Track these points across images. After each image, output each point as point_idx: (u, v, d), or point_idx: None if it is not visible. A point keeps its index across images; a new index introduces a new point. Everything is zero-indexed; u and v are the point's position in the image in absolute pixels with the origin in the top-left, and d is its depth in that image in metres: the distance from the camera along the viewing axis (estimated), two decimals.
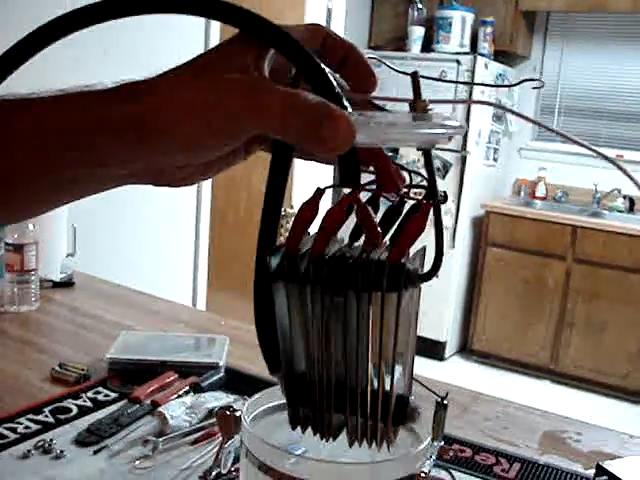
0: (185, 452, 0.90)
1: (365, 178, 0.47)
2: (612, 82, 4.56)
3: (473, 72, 4.20)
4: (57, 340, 1.33)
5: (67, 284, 1.62)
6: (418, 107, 0.42)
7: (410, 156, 4.42)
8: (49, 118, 0.39)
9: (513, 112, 0.48)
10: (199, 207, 2.89)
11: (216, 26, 2.97)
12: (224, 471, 0.82)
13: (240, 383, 1.11)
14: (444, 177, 4.34)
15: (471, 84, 4.25)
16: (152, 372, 1.10)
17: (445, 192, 0.46)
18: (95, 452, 0.89)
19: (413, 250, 0.47)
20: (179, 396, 1.03)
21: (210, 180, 2.94)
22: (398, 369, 0.45)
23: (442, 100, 0.44)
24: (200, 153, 0.41)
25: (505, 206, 4.39)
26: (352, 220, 0.47)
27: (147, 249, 2.60)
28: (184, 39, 2.80)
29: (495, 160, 4.59)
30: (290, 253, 0.45)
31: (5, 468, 0.84)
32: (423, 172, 0.46)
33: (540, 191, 4.67)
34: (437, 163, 4.37)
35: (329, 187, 0.46)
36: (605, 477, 0.58)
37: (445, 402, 0.85)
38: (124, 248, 2.50)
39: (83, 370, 1.13)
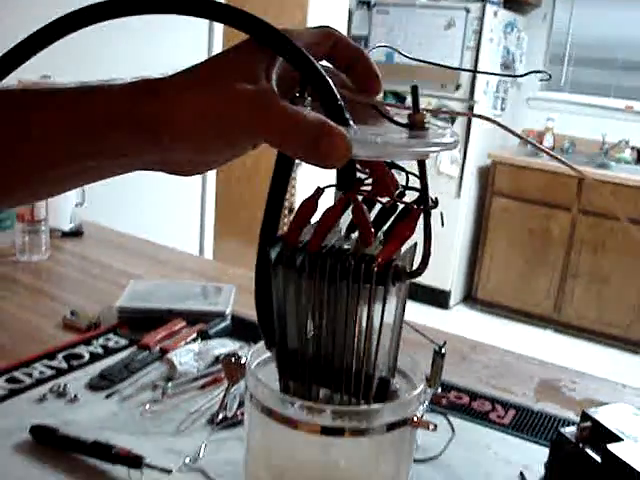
0: (193, 396, 0.94)
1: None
2: (624, 31, 4.49)
3: (482, 20, 4.15)
4: (68, 288, 1.37)
5: (76, 234, 1.65)
6: (416, 119, 0.45)
7: None
8: (70, 110, 0.42)
9: (503, 127, 0.50)
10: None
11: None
12: (230, 414, 0.86)
13: (246, 330, 1.14)
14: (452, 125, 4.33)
15: (475, 72, 4.18)
16: (160, 320, 1.13)
17: (436, 198, 0.49)
18: (107, 396, 0.93)
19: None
20: (187, 343, 1.06)
21: None
22: (382, 353, 0.49)
23: (443, 111, 0.47)
24: (207, 153, 0.44)
25: (512, 156, 4.38)
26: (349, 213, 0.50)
27: (154, 199, 2.63)
28: (188, 31, 2.79)
29: (502, 110, 4.56)
30: (289, 245, 0.48)
31: (23, 410, 0.88)
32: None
33: (547, 141, 4.65)
34: None
35: (328, 187, 0.50)
36: (589, 423, 0.61)
37: (443, 351, 0.88)
38: (131, 198, 2.53)
39: (94, 318, 1.16)
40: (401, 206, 0.50)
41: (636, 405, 1.07)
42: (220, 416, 0.87)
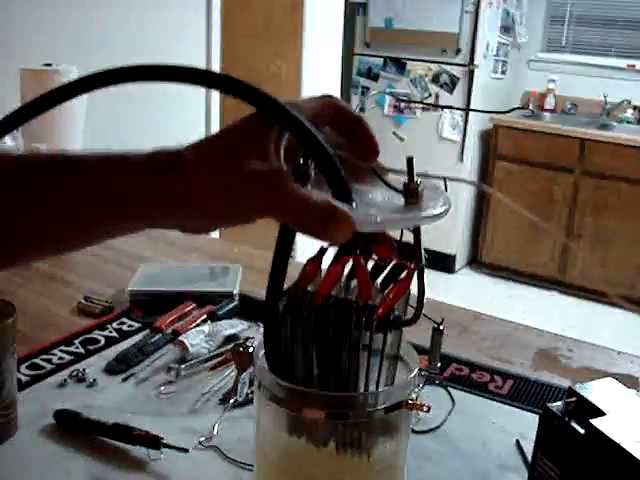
0: (205, 377, 0.99)
1: None
2: None
3: None
4: (81, 273, 1.41)
5: None
6: (410, 189, 0.51)
7: (417, 71, 4.40)
8: (100, 180, 0.46)
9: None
10: (208, 125, 2.94)
11: (217, 21, 2.94)
12: (240, 399, 0.91)
13: (254, 309, 1.18)
14: (452, 91, 4.33)
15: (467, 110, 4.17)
16: (171, 302, 1.18)
17: (429, 255, 0.56)
18: (124, 379, 0.98)
19: None
20: (197, 325, 1.11)
21: (218, 110, 2.97)
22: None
23: (432, 176, 0.53)
24: (222, 224, 0.49)
25: (513, 119, 4.39)
26: None
27: None
28: (187, 16, 2.79)
29: (503, 73, 4.55)
30: (295, 297, 0.55)
31: (46, 396, 0.93)
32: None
33: (549, 103, 4.64)
34: (445, 78, 4.35)
35: (331, 246, 0.54)
36: (574, 398, 0.65)
37: (441, 328, 0.92)
38: None
39: (107, 302, 1.21)
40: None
41: (632, 371, 1.12)
42: (231, 400, 0.91)
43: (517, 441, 0.90)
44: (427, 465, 0.84)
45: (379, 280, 0.58)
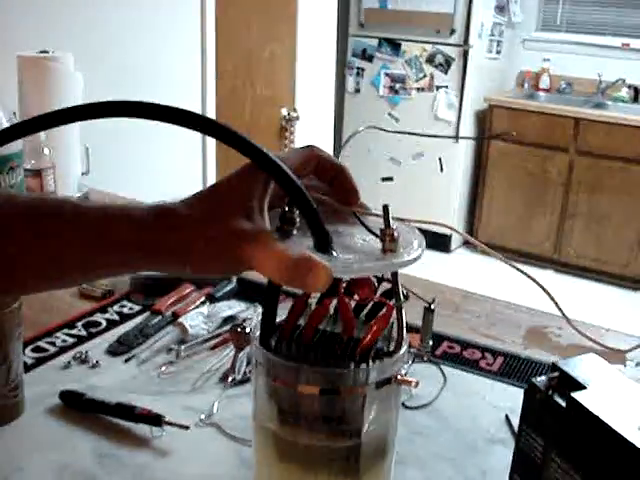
0: (205, 357, 1.02)
1: None
2: None
3: None
4: None
5: None
6: (387, 234, 0.55)
7: (412, 52, 4.41)
8: (100, 233, 0.51)
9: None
10: (205, 113, 2.95)
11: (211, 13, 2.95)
12: (238, 377, 0.94)
13: (251, 291, 1.21)
14: (447, 72, 4.34)
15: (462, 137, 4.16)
16: (170, 285, 1.20)
17: (407, 293, 0.62)
18: (126, 361, 1.01)
19: None
20: (196, 307, 1.14)
21: (213, 91, 2.98)
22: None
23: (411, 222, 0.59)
24: (212, 274, 0.55)
25: (508, 99, 4.40)
26: None
27: (157, 164, 2.68)
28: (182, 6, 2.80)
29: (498, 52, 4.56)
30: (285, 337, 0.61)
31: (51, 377, 0.96)
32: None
33: (544, 83, 4.65)
34: (439, 58, 4.36)
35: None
36: (557, 373, 0.68)
37: (432, 307, 0.95)
38: (135, 164, 2.58)
39: (107, 286, 1.23)
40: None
41: (619, 347, 1.15)
42: (230, 379, 0.95)
43: (506, 416, 0.93)
44: (418, 439, 0.87)
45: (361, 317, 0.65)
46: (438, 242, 4.54)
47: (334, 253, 0.52)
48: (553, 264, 4.42)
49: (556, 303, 1.07)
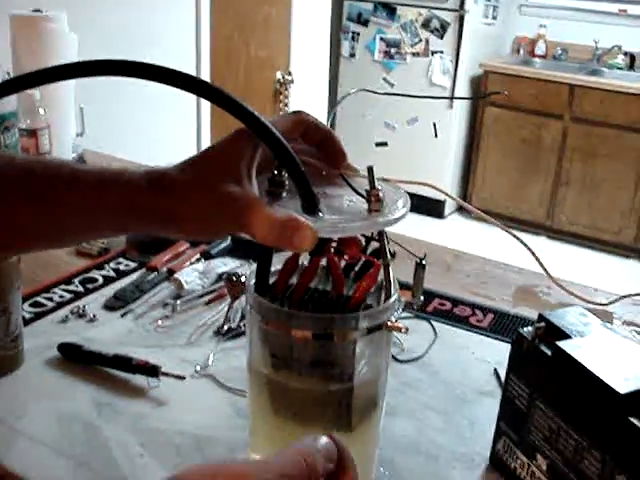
0: (200, 312, 1.04)
1: None
2: None
3: None
4: None
5: (79, 163, 1.71)
6: (372, 195, 0.57)
7: (408, 16, 4.38)
8: (94, 196, 0.53)
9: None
10: (199, 75, 2.94)
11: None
12: (233, 325, 0.97)
13: (245, 249, 1.22)
14: (442, 37, 4.32)
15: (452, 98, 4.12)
16: (165, 243, 1.22)
17: (394, 252, 0.66)
18: (122, 315, 1.03)
19: None
20: (191, 263, 1.15)
21: (208, 54, 2.96)
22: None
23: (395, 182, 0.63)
24: (203, 236, 0.60)
25: (504, 65, 4.39)
26: None
27: (152, 125, 2.68)
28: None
29: (494, 18, 4.54)
30: (278, 294, 0.63)
31: (49, 331, 0.98)
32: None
33: (539, 49, 4.64)
34: (435, 23, 4.33)
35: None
36: (543, 323, 0.70)
37: (423, 262, 0.97)
38: (129, 125, 2.58)
39: (104, 244, 1.25)
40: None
41: (607, 306, 1.17)
42: (225, 327, 0.97)
43: (495, 369, 0.95)
44: (409, 391, 0.90)
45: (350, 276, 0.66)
46: (432, 208, 4.56)
47: (321, 214, 0.55)
48: (546, 230, 4.45)
49: (540, 263, 1.09)
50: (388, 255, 0.63)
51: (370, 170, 0.57)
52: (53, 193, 0.54)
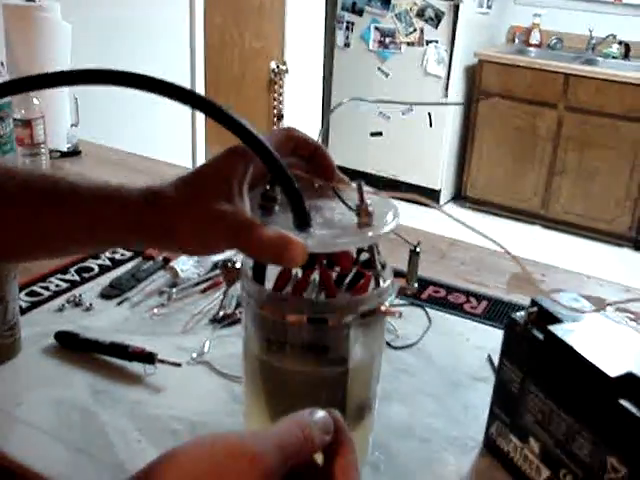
0: (196, 300, 1.05)
1: None
2: None
3: None
4: None
5: (74, 153, 1.72)
6: (362, 210, 0.58)
7: (402, 6, 4.37)
8: (91, 212, 0.55)
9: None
10: (193, 68, 2.94)
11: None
12: (229, 311, 0.97)
13: None
14: (437, 26, 4.31)
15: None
16: None
17: (384, 262, 0.65)
18: (118, 303, 1.03)
19: None
20: None
21: (202, 44, 2.96)
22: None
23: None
24: (195, 252, 0.62)
25: (498, 54, 4.38)
26: None
27: (146, 115, 2.67)
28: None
29: (489, 7, 4.53)
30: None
31: (46, 319, 0.98)
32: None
33: (534, 38, 4.63)
34: (430, 12, 4.32)
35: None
36: (535, 308, 0.71)
37: (418, 250, 0.98)
38: (123, 114, 2.57)
39: None
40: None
41: (600, 293, 1.18)
42: (221, 313, 0.98)
43: (489, 356, 0.96)
44: (403, 376, 0.90)
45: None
46: (427, 197, 4.54)
47: (312, 230, 0.57)
48: (541, 220, 4.45)
49: (498, 243, 1.09)
50: (378, 266, 0.64)
51: (359, 186, 0.59)
52: (52, 209, 0.55)
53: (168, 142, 2.76)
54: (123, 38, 2.53)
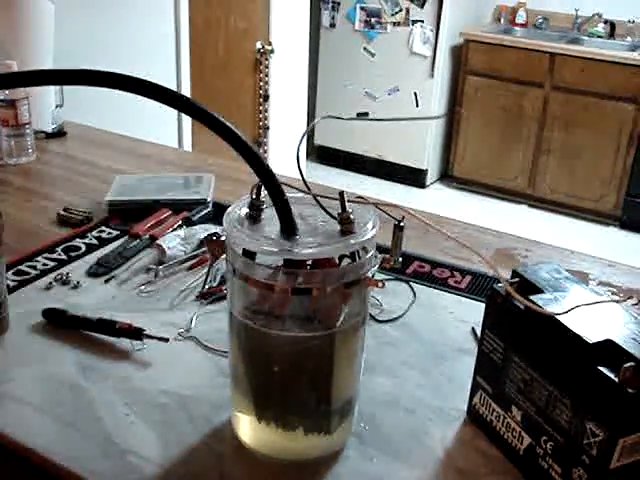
0: (182, 277, 1.05)
1: None
2: None
3: None
4: (57, 187, 1.45)
5: (59, 134, 1.71)
6: (343, 218, 0.62)
7: None
8: None
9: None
10: (179, 49, 2.92)
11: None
12: (215, 284, 0.98)
13: None
14: (422, 6, 4.30)
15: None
16: (147, 210, 1.22)
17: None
18: (106, 281, 1.04)
19: None
20: (173, 230, 1.16)
21: (187, 25, 2.93)
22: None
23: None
24: None
25: (484, 34, 4.37)
26: None
27: (130, 96, 2.66)
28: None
29: None
30: None
31: (33, 298, 0.99)
32: None
33: (520, 17, 4.62)
34: None
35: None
36: (517, 279, 0.73)
37: (402, 224, 0.99)
38: (107, 94, 2.56)
39: (86, 212, 1.25)
40: None
41: (583, 268, 1.20)
42: (206, 287, 0.98)
43: (472, 328, 0.98)
44: (388, 349, 0.92)
45: None
46: (414, 177, 4.58)
47: (298, 237, 0.60)
48: (527, 199, 4.47)
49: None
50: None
51: (341, 195, 0.62)
52: None
53: (154, 124, 2.75)
54: (107, 19, 2.51)
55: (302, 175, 0.67)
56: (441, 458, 0.74)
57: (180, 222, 1.18)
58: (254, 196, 0.62)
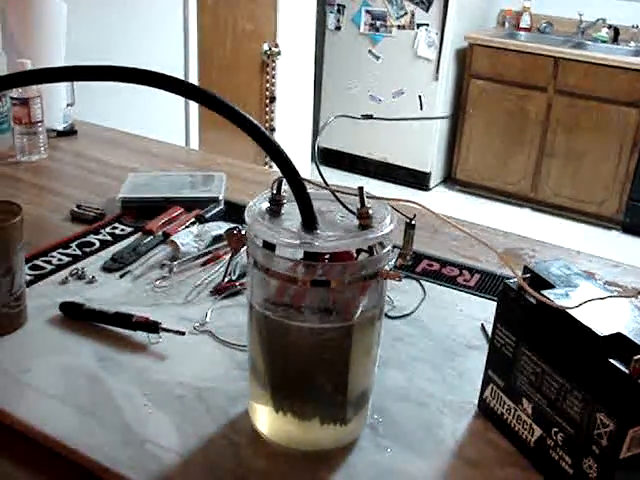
0: (196, 273, 1.07)
1: None
2: None
3: None
4: (69, 184, 1.47)
5: (70, 132, 1.73)
6: (362, 212, 0.64)
7: None
8: None
9: None
10: (187, 49, 2.94)
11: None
12: (234, 277, 1.00)
13: (238, 213, 1.24)
14: (428, 9, 4.32)
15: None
16: (160, 208, 1.24)
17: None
18: (121, 276, 1.06)
19: None
20: (186, 227, 1.18)
21: (195, 26, 2.95)
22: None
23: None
24: None
25: (489, 38, 4.39)
26: None
27: (141, 94, 2.68)
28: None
29: None
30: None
31: (50, 292, 1.00)
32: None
33: (524, 22, 4.65)
34: None
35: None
36: (529, 274, 0.74)
37: (413, 222, 1.00)
38: (117, 94, 2.58)
39: (99, 209, 1.27)
40: None
41: (589, 267, 1.21)
42: (225, 279, 1.00)
43: (482, 325, 0.99)
44: (400, 345, 0.93)
45: None
46: (418, 180, 4.59)
47: (318, 231, 0.62)
48: (530, 202, 4.49)
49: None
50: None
51: (360, 190, 0.64)
52: None
53: (162, 123, 2.77)
54: (118, 19, 2.53)
55: (320, 171, 0.69)
56: (453, 449, 0.76)
57: (193, 219, 1.20)
58: (274, 191, 0.64)
